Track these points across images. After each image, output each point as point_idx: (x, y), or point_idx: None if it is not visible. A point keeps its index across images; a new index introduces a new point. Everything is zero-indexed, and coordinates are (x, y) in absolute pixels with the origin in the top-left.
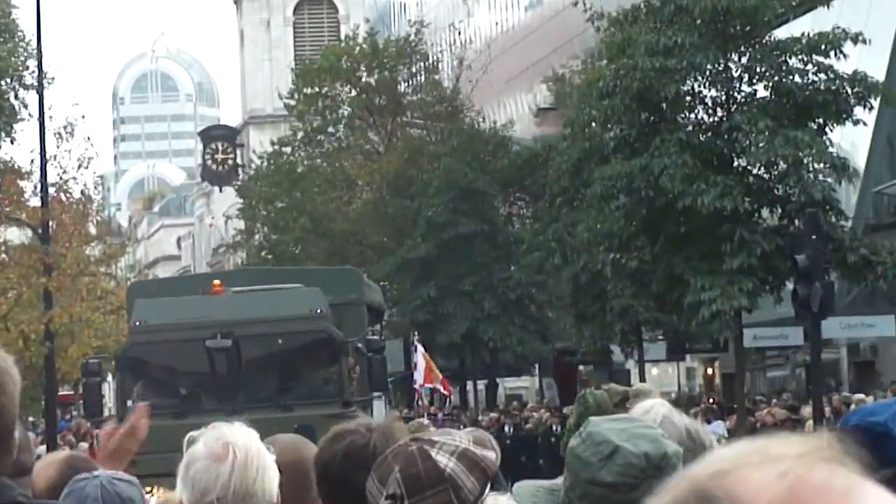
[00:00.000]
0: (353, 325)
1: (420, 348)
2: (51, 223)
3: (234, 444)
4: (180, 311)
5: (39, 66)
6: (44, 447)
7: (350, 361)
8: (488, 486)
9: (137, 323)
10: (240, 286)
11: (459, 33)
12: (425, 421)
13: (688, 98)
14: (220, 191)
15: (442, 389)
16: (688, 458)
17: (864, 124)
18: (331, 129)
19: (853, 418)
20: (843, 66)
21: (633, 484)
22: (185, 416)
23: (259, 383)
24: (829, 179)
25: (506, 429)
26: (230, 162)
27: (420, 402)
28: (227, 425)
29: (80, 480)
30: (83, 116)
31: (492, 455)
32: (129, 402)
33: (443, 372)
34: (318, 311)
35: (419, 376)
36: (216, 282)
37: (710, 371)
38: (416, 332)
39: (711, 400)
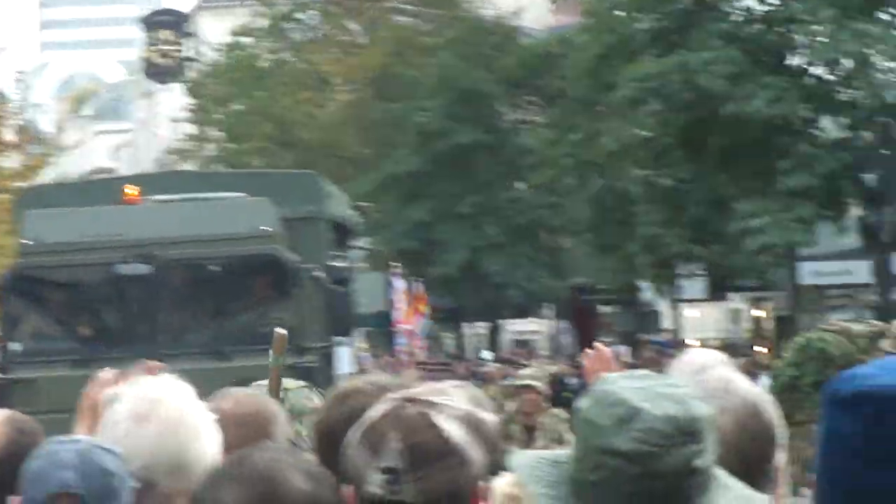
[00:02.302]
0: (312, 248)
1: (397, 283)
2: None
3: (161, 401)
4: (84, 225)
5: None
6: None
7: (307, 295)
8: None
9: (27, 242)
10: (164, 194)
11: None
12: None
13: None
14: (166, 89)
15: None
16: (742, 440)
17: None
18: (301, 16)
19: (847, 385)
20: None
21: (656, 453)
22: (87, 364)
23: (185, 323)
24: None
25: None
26: (178, 55)
27: (398, 349)
28: (154, 379)
29: (55, 444)
30: None
31: (493, 419)
32: (16, 346)
33: (436, 313)
34: (265, 228)
35: (399, 316)
36: (132, 188)
37: (759, 313)
38: (393, 263)
39: (765, 349)
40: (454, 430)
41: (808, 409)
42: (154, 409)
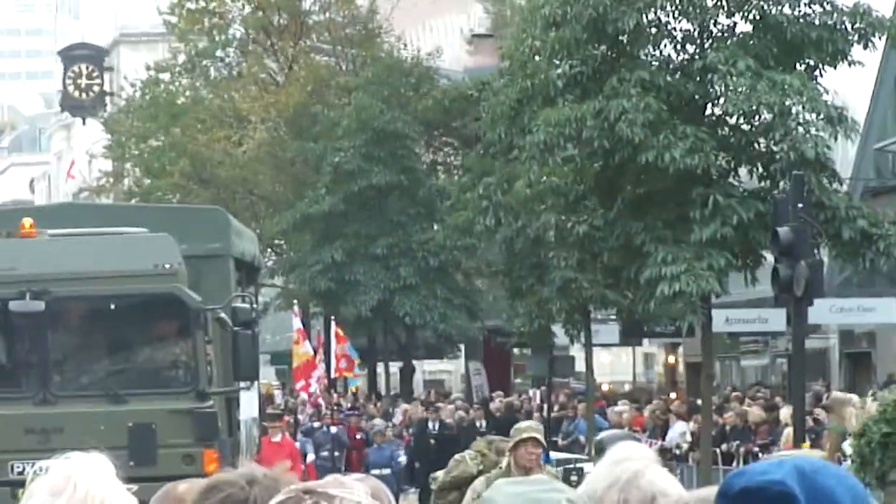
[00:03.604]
0: (216, 287)
1: (295, 322)
2: None
3: (76, 477)
4: None
5: None
6: None
7: (209, 337)
8: None
9: None
10: (61, 227)
11: None
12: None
13: (652, 30)
14: (84, 123)
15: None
16: None
17: (863, 65)
18: (219, 53)
19: (738, 481)
20: None
21: None
22: None
23: (81, 363)
24: (823, 133)
25: (430, 426)
26: (96, 89)
27: (309, 390)
28: (81, 455)
29: None
30: None
31: None
32: None
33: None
34: (167, 265)
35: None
36: (27, 220)
37: (671, 359)
38: (296, 302)
39: (673, 395)
40: None
41: None
42: (67, 485)
